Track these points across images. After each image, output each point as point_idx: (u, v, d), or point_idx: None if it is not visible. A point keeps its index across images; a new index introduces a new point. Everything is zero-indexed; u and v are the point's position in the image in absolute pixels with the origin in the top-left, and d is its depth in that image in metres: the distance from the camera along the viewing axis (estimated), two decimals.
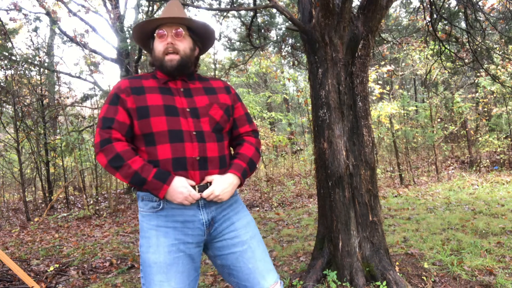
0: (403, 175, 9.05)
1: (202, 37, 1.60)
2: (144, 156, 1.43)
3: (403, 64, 12.05)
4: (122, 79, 1.52)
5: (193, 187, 1.42)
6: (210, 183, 1.44)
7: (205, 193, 1.42)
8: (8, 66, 8.30)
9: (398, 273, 2.62)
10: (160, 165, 1.40)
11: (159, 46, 1.49)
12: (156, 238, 1.42)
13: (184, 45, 1.50)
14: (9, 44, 8.27)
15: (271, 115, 10.92)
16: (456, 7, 5.49)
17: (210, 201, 1.46)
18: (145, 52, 10.22)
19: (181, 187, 1.37)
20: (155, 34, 1.52)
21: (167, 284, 1.39)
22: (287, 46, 7.55)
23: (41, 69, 9.28)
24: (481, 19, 5.67)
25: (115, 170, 1.37)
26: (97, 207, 8.37)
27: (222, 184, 1.43)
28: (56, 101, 10.03)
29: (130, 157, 1.37)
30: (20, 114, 8.21)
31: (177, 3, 1.55)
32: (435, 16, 4.61)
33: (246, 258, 1.50)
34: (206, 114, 1.47)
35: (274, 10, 6.58)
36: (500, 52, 8.18)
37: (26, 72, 8.93)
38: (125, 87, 1.46)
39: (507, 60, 8.68)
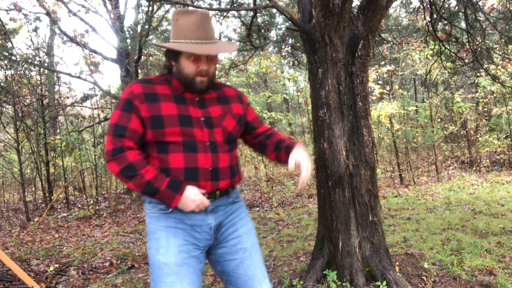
0: (403, 175, 9.04)
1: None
2: (155, 163, 1.41)
3: (403, 64, 12.04)
4: (134, 83, 1.45)
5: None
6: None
7: (304, 176, 1.45)
8: (8, 66, 8.30)
9: (398, 273, 2.62)
10: (171, 174, 1.39)
11: (190, 66, 1.42)
12: (166, 238, 1.40)
13: (214, 67, 1.49)
14: (9, 44, 8.27)
15: (271, 115, 10.90)
16: (456, 7, 5.48)
17: (217, 206, 1.48)
18: (144, 52, 10.29)
19: (193, 195, 1.37)
20: (187, 51, 1.41)
21: (180, 284, 1.37)
22: (287, 46, 7.55)
23: (41, 69, 9.27)
24: (481, 19, 5.67)
25: (127, 179, 1.36)
26: (97, 207, 8.37)
27: (308, 163, 1.48)
28: (56, 101, 10.02)
29: (142, 167, 1.36)
30: (20, 114, 8.21)
31: (206, 20, 1.44)
32: (435, 16, 4.61)
33: (246, 265, 1.52)
34: (219, 125, 1.47)
35: (274, 10, 6.58)
36: (500, 52, 8.17)
37: (26, 72, 8.93)
38: (138, 92, 1.40)
39: (507, 60, 8.67)
